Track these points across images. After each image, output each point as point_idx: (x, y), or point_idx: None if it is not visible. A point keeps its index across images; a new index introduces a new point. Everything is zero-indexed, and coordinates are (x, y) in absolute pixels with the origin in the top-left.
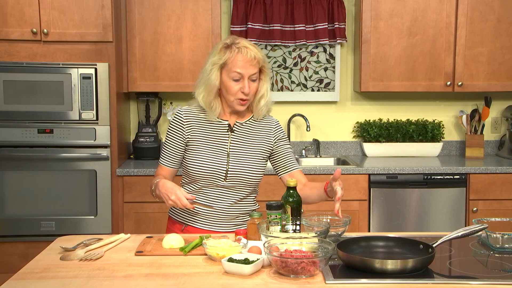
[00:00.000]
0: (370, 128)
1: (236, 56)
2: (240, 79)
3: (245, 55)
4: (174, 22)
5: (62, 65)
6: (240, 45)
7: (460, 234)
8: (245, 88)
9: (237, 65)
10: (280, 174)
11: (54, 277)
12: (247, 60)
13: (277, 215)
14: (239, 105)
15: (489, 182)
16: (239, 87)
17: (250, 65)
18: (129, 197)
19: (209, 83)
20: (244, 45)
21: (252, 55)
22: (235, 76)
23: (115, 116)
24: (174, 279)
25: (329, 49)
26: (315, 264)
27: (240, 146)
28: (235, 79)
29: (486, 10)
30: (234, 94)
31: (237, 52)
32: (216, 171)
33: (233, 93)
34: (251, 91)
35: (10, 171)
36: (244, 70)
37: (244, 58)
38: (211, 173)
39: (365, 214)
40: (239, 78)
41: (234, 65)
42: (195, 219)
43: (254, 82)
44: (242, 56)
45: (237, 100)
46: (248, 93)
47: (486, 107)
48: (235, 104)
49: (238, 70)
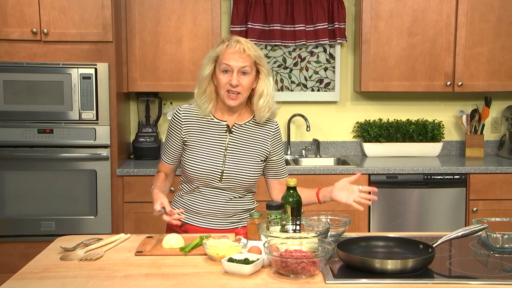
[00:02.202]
0: (370, 128)
1: (226, 49)
2: (229, 71)
3: (234, 48)
4: (174, 22)
5: (62, 65)
6: (232, 40)
7: (460, 234)
8: (232, 80)
9: (225, 57)
10: (268, 177)
11: (54, 277)
12: (235, 52)
13: (277, 215)
14: (228, 98)
15: (489, 182)
16: (228, 79)
17: (239, 57)
18: (129, 197)
19: (201, 75)
20: (236, 39)
21: (242, 48)
22: (224, 67)
23: (115, 116)
24: (174, 279)
25: (329, 49)
26: (315, 264)
27: (237, 148)
28: (223, 71)
29: (486, 10)
30: (224, 87)
31: (227, 46)
32: (211, 172)
33: (222, 85)
34: (240, 85)
35: (10, 171)
36: (234, 62)
37: (233, 51)
38: (206, 174)
39: (365, 214)
40: (227, 70)
41: (223, 57)
42: (192, 217)
43: (245, 76)
44: (231, 49)
45: (227, 93)
46: (236, 86)
47: (486, 107)
48: (225, 98)
49: (226, 62)
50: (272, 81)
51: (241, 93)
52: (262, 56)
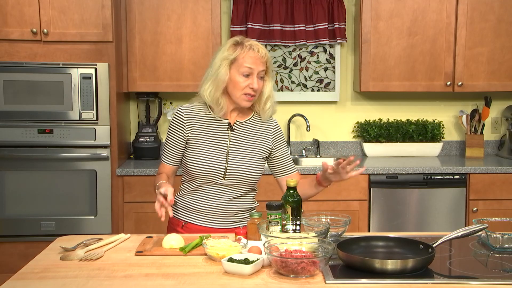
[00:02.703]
0: (370, 128)
1: (247, 52)
2: (249, 75)
3: (257, 52)
4: (174, 22)
5: (62, 65)
6: (252, 43)
7: (460, 234)
8: (253, 84)
9: (248, 61)
10: (277, 176)
11: (54, 277)
12: (258, 57)
13: (277, 215)
14: (246, 101)
15: (489, 182)
16: (248, 82)
17: (260, 62)
18: (129, 197)
19: (218, 78)
20: (255, 43)
21: (263, 52)
22: (245, 71)
23: (115, 116)
24: (174, 279)
25: (329, 49)
26: (315, 264)
27: (239, 145)
28: (245, 74)
29: (486, 10)
30: (242, 89)
31: (249, 49)
32: (215, 169)
33: (241, 88)
34: (258, 88)
35: (10, 171)
36: (255, 66)
37: (256, 55)
38: (210, 171)
39: (365, 214)
40: (249, 74)
41: (245, 61)
42: (194, 216)
43: (261, 80)
44: (254, 53)
45: (244, 95)
46: (256, 90)
47: (486, 107)
48: (241, 100)
49: (249, 66)
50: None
51: (256, 95)
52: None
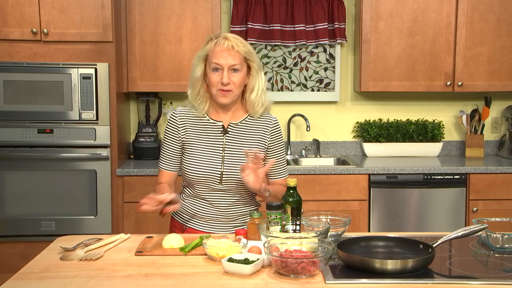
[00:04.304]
0: (370, 128)
1: (214, 47)
2: (219, 70)
3: (222, 45)
4: (174, 22)
5: (62, 65)
6: (220, 37)
7: (460, 234)
8: (224, 78)
9: (215, 56)
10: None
11: (54, 277)
12: (223, 49)
13: (277, 215)
14: (221, 96)
15: (489, 182)
16: (219, 78)
17: (228, 55)
18: (129, 197)
19: (194, 77)
20: (224, 36)
21: (230, 44)
22: (214, 66)
23: (115, 116)
24: (174, 279)
25: (329, 49)
26: (315, 264)
27: (235, 148)
28: (214, 69)
29: (486, 10)
30: (215, 85)
31: (216, 43)
32: (211, 175)
33: (213, 84)
34: (232, 82)
35: (10, 171)
36: (223, 60)
37: (222, 48)
38: (206, 177)
39: (365, 214)
40: (217, 68)
41: (212, 56)
42: (195, 221)
43: (236, 73)
44: (220, 47)
45: (218, 91)
46: (228, 83)
47: (486, 107)
48: (217, 96)
49: (216, 61)
50: (263, 76)
51: (232, 90)
52: (252, 52)
